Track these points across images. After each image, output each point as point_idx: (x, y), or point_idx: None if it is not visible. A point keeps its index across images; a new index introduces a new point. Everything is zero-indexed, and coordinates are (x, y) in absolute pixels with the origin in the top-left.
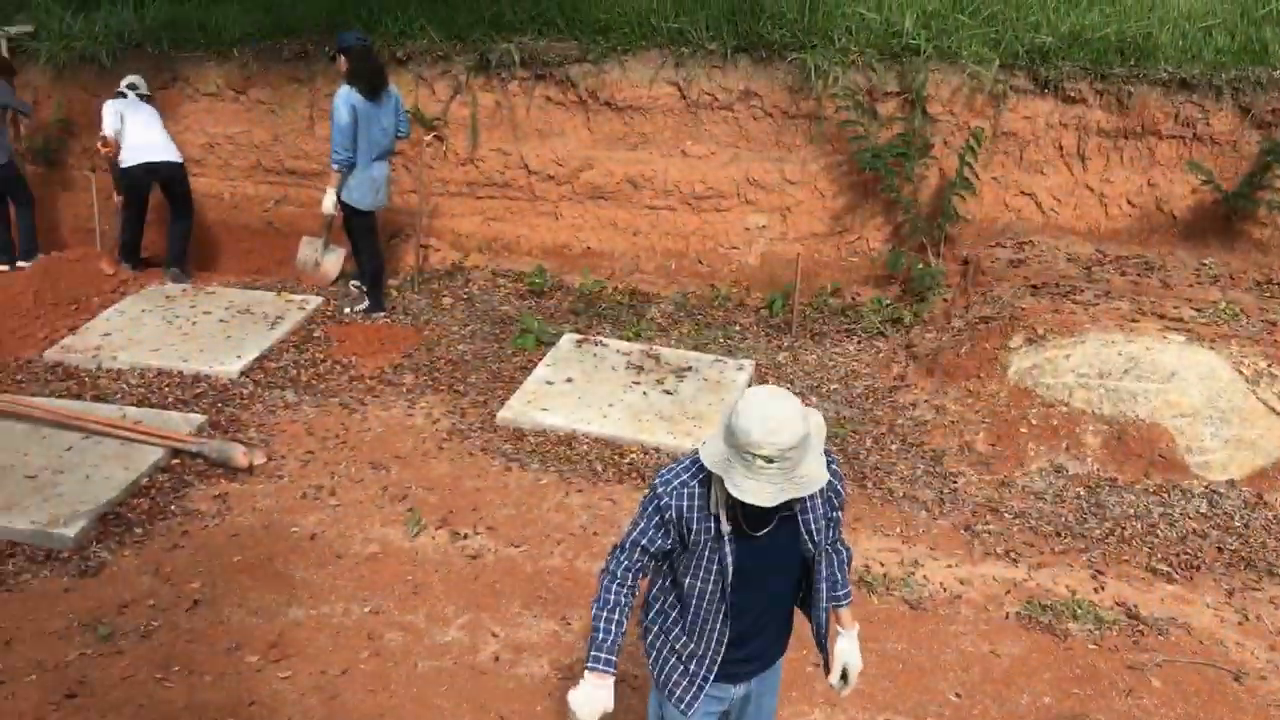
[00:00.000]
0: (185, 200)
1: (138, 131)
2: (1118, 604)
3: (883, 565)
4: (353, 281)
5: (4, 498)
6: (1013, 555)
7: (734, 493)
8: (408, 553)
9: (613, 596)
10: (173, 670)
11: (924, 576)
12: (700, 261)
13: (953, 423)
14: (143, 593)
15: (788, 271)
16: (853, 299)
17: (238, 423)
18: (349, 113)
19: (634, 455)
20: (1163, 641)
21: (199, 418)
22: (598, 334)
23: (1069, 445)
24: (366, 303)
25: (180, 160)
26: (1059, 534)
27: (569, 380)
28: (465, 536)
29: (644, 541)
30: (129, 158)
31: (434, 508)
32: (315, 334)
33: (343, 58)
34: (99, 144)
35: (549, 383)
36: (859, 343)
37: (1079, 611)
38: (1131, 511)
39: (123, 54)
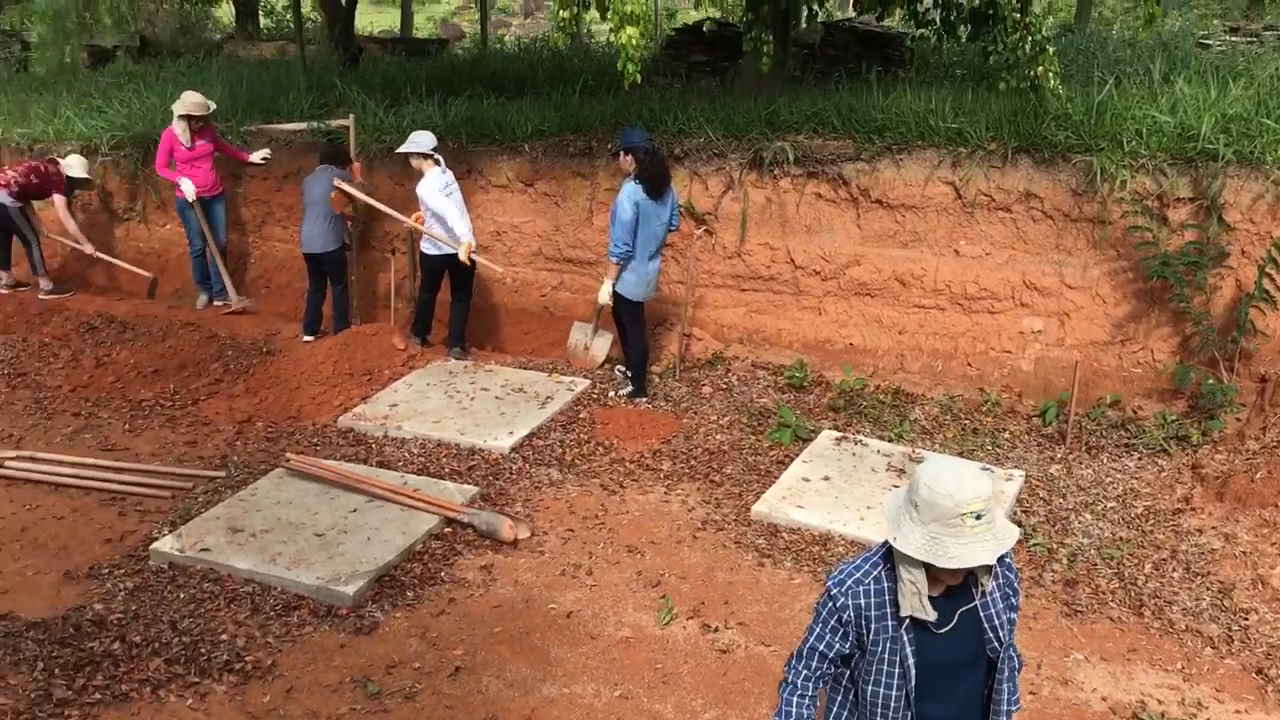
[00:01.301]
0: (469, 282)
1: (452, 220)
2: None
3: (1160, 703)
4: (618, 367)
5: (295, 552)
6: None
7: (952, 564)
8: (659, 640)
9: (794, 709)
10: None
11: None
12: (969, 364)
13: (1245, 554)
14: (410, 655)
15: (1063, 379)
16: (1134, 412)
17: (506, 496)
18: (633, 209)
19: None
20: None
21: (472, 489)
22: (857, 432)
23: None
24: (630, 388)
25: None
26: None
27: (826, 478)
28: (716, 630)
29: (821, 647)
30: (436, 248)
31: (686, 597)
32: (581, 415)
33: (629, 156)
34: (414, 219)
35: (805, 479)
36: (1139, 459)
37: None
38: None
39: None
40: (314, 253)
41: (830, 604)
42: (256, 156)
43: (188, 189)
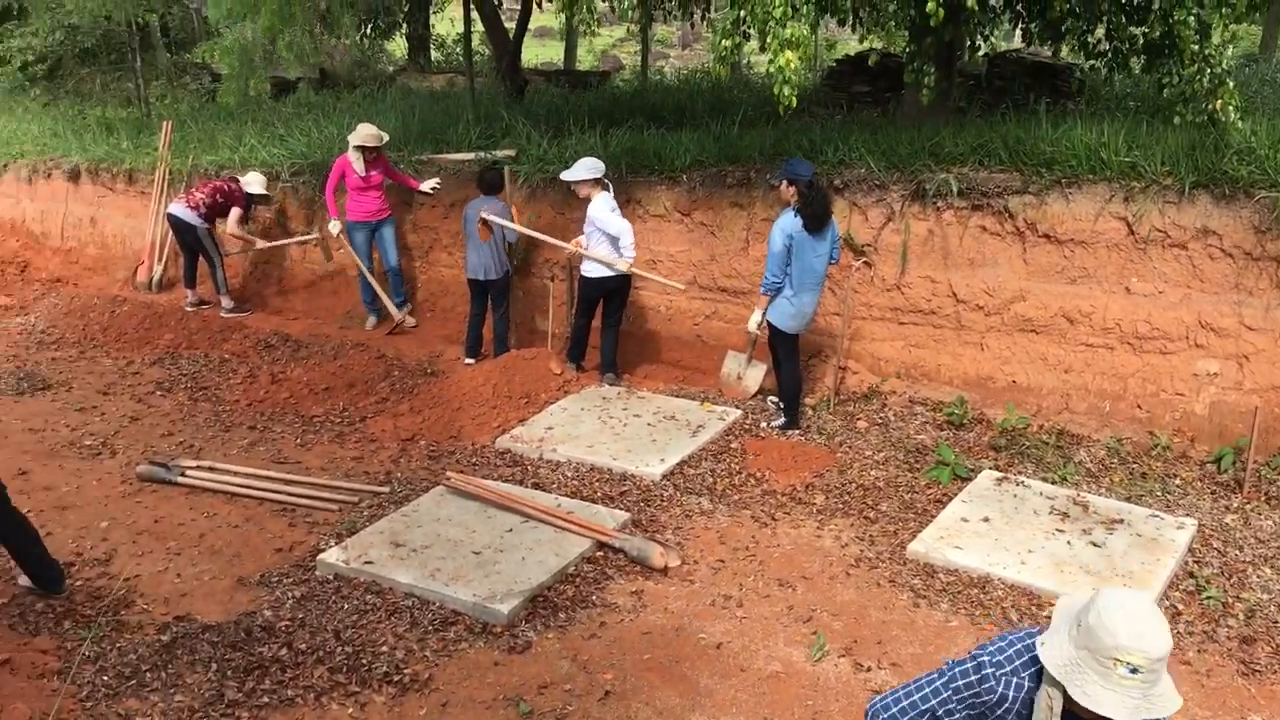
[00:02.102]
0: (622, 309)
1: (627, 236)
2: None
3: None
4: (771, 398)
5: (453, 569)
6: None
7: (1083, 701)
8: (809, 677)
9: None
10: None
11: None
12: (1138, 406)
13: None
14: (561, 676)
15: (1240, 425)
16: None
17: (657, 524)
18: (784, 241)
19: (1054, 609)
20: None
21: (623, 515)
22: (1019, 473)
23: None
24: (783, 419)
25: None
26: None
27: (985, 519)
28: (868, 669)
29: (940, 712)
30: (596, 270)
31: (838, 634)
32: (732, 445)
33: (792, 187)
34: (573, 245)
35: (964, 520)
36: None
37: None
38: None
39: None
40: (478, 279)
41: (977, 675)
42: (427, 185)
43: (334, 228)
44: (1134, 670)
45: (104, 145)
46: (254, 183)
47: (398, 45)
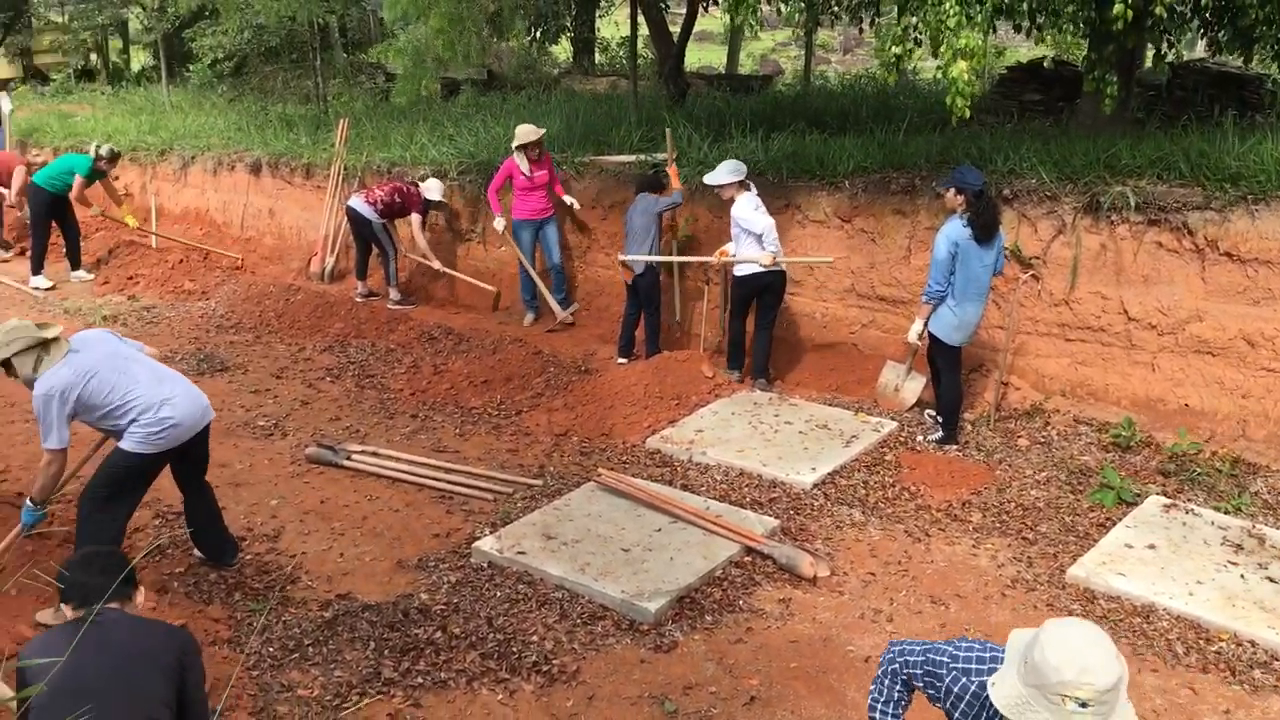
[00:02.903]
0: (773, 311)
1: (770, 234)
2: None
3: None
4: (928, 411)
5: (602, 564)
6: None
7: None
8: None
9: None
10: None
11: None
12: None
13: None
14: (706, 678)
15: None
16: None
17: (806, 532)
18: (948, 249)
19: (1223, 644)
20: None
21: (773, 521)
22: (1188, 501)
23: None
24: (940, 433)
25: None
26: None
27: (1151, 547)
28: None
29: (919, 665)
30: (746, 268)
31: None
32: (887, 457)
33: (960, 195)
34: (718, 255)
35: (1128, 545)
36: None
37: None
38: None
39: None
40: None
41: (935, 662)
42: (569, 199)
43: (498, 224)
44: (1083, 704)
45: (284, 140)
46: (433, 189)
47: (562, 48)
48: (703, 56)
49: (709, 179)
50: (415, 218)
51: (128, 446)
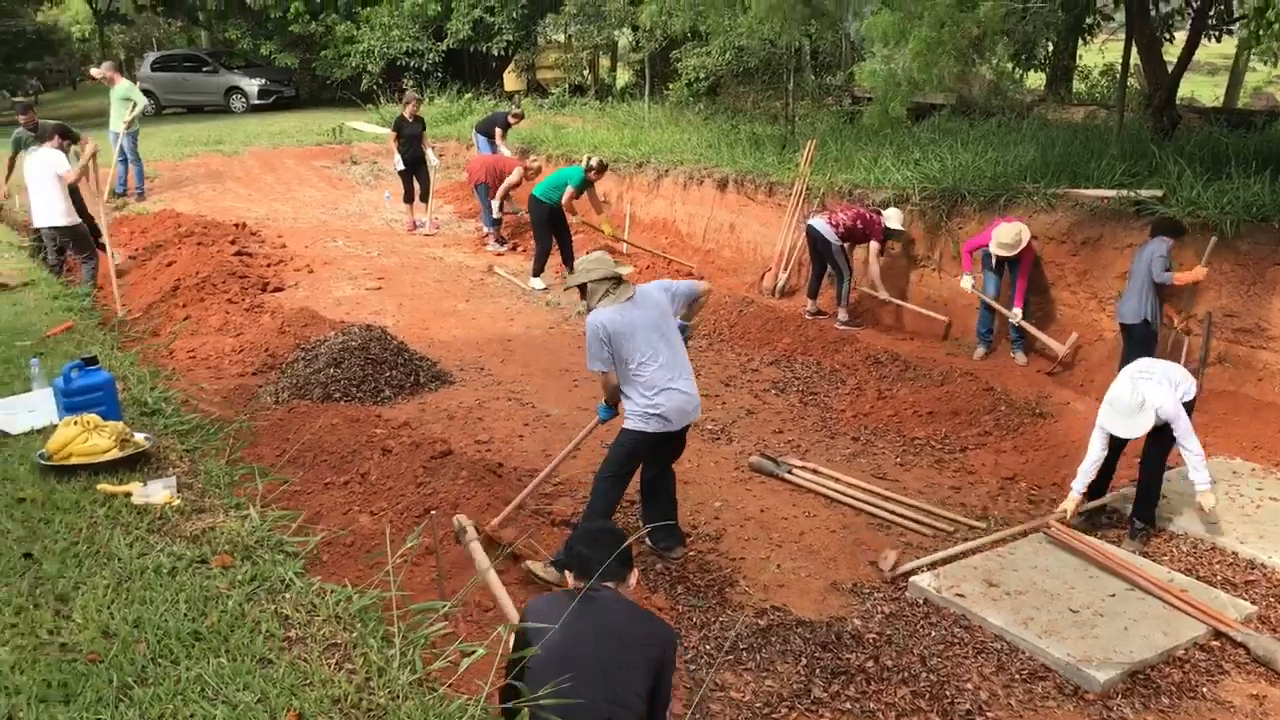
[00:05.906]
0: None
1: None
2: None
3: None
4: None
5: (1047, 621)
6: None
7: None
8: None
9: None
10: None
11: None
12: None
13: None
14: None
15: None
16: None
17: None
18: None
19: None
20: None
21: (1248, 606)
22: None
23: None
24: None
25: None
26: None
27: None
28: None
29: None
30: None
31: None
32: None
33: None
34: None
35: None
36: None
37: None
38: None
39: (1243, 228)
40: (1125, 323)
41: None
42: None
43: (965, 283)
44: None
45: (750, 158)
46: (893, 218)
47: (1033, 76)
48: (1189, 89)
49: None
50: (874, 245)
51: (629, 425)
